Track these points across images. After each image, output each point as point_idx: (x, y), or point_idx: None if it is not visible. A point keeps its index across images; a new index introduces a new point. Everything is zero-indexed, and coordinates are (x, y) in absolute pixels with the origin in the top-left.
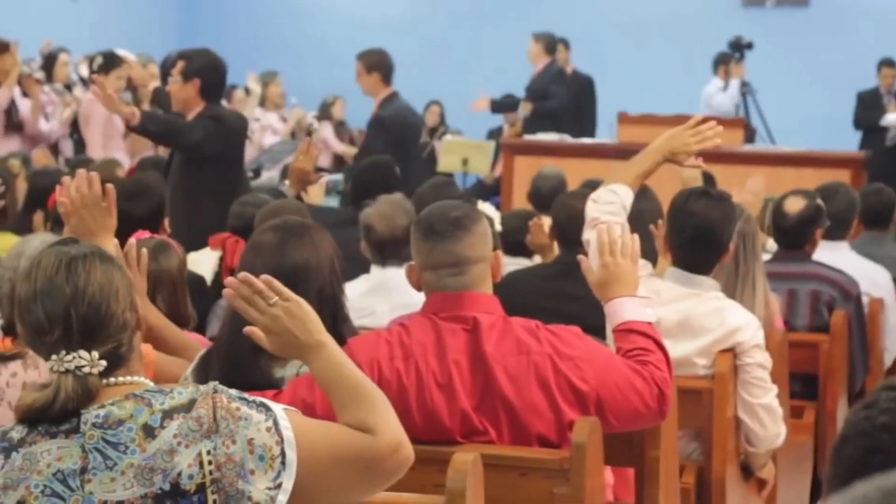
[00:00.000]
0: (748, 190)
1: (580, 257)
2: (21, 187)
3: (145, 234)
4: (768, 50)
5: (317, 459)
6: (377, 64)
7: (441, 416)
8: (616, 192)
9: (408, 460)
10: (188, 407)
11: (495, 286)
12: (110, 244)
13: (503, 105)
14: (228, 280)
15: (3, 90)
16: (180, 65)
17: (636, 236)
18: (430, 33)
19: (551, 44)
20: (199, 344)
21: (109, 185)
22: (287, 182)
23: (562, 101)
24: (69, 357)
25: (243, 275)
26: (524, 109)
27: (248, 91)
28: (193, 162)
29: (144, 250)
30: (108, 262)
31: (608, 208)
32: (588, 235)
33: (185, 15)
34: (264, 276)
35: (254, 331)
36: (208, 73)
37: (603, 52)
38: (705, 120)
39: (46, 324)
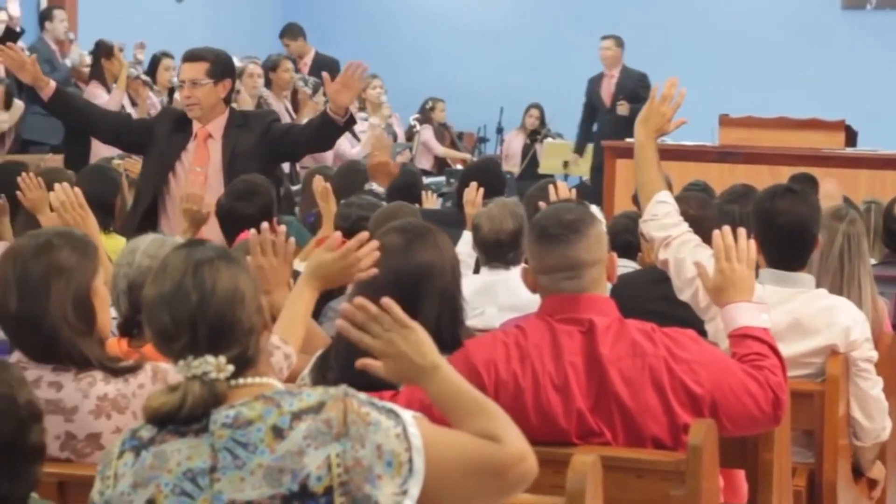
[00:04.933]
0: (823, 194)
1: (697, 263)
2: None
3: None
4: (869, 52)
5: (444, 467)
6: None
7: (557, 417)
8: (665, 202)
9: (533, 471)
10: (317, 409)
11: None
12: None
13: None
14: (344, 308)
15: (116, 92)
16: (202, 66)
17: (752, 242)
18: (529, 37)
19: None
20: (326, 336)
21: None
22: (374, 182)
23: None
24: (196, 362)
25: (359, 301)
26: (622, 109)
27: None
28: (276, 166)
29: (292, 240)
30: (235, 266)
31: (668, 220)
32: (665, 255)
33: (288, 17)
34: (384, 300)
35: (368, 363)
36: (233, 72)
37: (703, 55)
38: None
39: (173, 330)
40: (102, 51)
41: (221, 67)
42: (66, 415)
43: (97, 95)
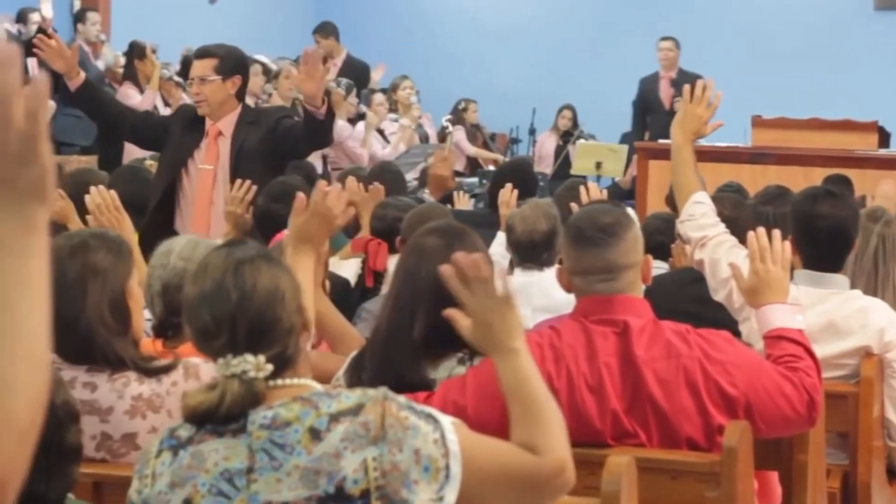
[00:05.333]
0: (880, 195)
1: (731, 264)
2: None
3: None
4: None
5: (480, 475)
6: None
7: (591, 418)
8: (701, 202)
9: (569, 484)
10: (355, 411)
11: None
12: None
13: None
14: (458, 256)
15: (149, 92)
16: (211, 63)
17: (787, 243)
18: (560, 37)
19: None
20: (360, 336)
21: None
22: (427, 190)
23: None
24: (235, 361)
25: (478, 257)
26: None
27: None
28: (280, 165)
29: (326, 243)
30: (275, 266)
31: (705, 221)
32: (700, 255)
33: (321, 18)
34: (502, 271)
35: (454, 314)
36: (244, 69)
37: (734, 55)
38: (692, 87)
39: (213, 328)
40: (135, 52)
41: (231, 64)
42: (101, 415)
43: (130, 96)
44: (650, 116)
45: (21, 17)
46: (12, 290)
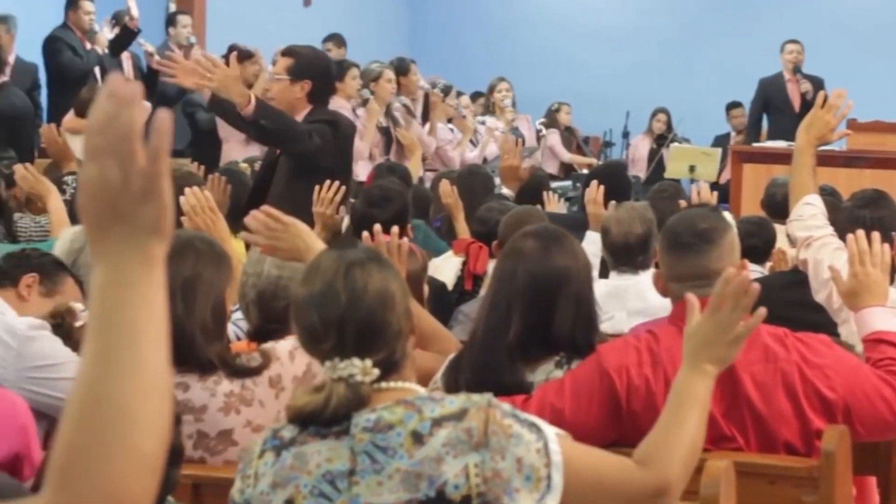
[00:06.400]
0: None
1: (830, 267)
2: None
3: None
4: None
5: (581, 487)
6: None
7: None
8: (812, 204)
9: None
10: (459, 416)
11: None
12: (317, 242)
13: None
14: (746, 276)
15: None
16: (287, 62)
17: (886, 246)
18: (653, 40)
19: None
20: (452, 336)
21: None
22: (502, 184)
23: None
24: (342, 364)
25: (757, 290)
26: None
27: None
28: (305, 170)
29: (406, 240)
30: (386, 269)
31: (813, 222)
32: (805, 255)
33: (415, 21)
34: (761, 311)
35: (693, 303)
36: (320, 75)
37: (830, 58)
38: (824, 98)
39: (322, 330)
40: (240, 55)
41: (305, 67)
42: (195, 414)
43: None
44: (772, 117)
45: (117, 20)
46: (136, 324)
